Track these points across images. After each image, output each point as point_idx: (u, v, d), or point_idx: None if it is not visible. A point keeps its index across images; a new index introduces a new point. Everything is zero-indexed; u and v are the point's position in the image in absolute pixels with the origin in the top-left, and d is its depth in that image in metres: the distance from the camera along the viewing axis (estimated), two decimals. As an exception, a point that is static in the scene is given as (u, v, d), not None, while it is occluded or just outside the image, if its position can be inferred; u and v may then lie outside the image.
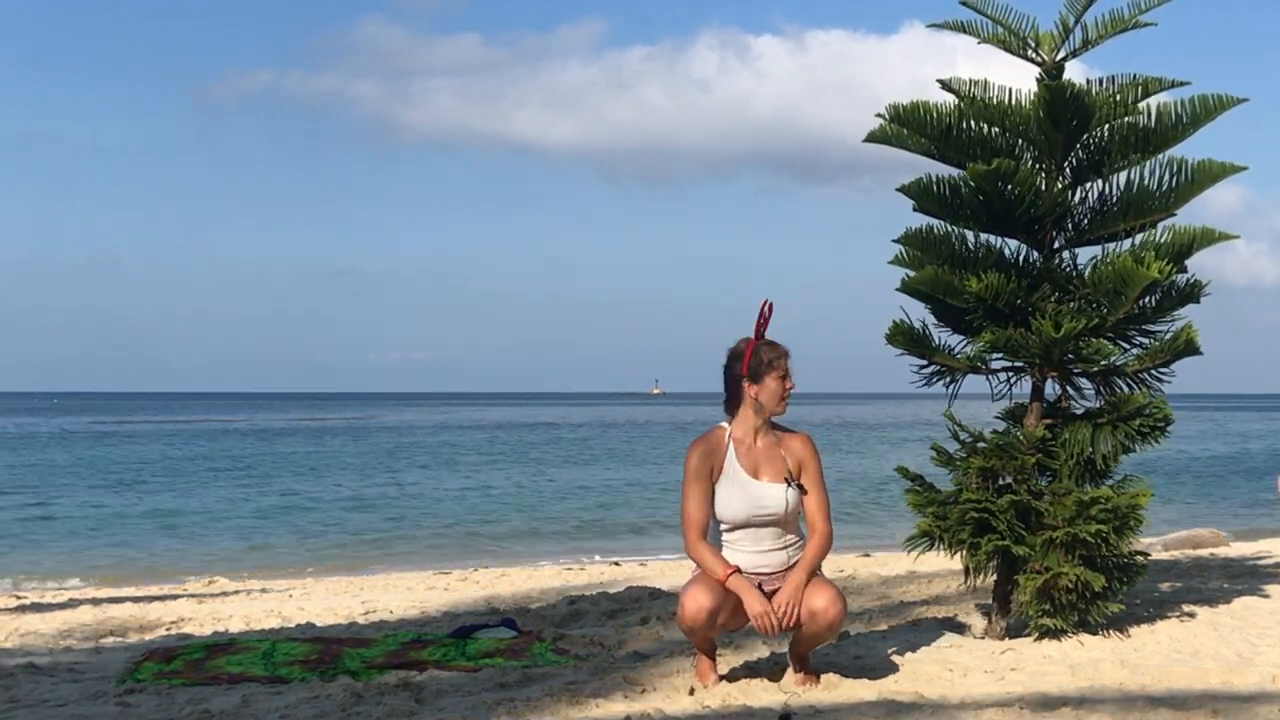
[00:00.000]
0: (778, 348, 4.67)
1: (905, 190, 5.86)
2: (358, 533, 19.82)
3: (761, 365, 4.64)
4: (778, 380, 4.63)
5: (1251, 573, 8.01)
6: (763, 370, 4.64)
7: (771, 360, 4.64)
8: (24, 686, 5.08)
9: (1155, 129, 5.61)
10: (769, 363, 4.63)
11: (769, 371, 4.63)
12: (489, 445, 48.18)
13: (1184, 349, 5.58)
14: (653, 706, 4.38)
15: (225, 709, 4.51)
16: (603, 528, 20.53)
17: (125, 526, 20.56)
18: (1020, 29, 5.70)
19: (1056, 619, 5.36)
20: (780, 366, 4.63)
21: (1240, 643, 5.35)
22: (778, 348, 4.67)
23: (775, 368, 4.63)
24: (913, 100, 5.77)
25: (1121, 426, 5.49)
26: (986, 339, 5.55)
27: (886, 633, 5.81)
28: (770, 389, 4.63)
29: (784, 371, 4.64)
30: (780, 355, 4.65)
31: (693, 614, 4.48)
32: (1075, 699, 4.40)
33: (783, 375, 4.63)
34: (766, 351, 4.65)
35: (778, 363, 4.64)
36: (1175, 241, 5.50)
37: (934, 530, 5.54)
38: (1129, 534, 5.41)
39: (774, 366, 4.63)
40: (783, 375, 4.63)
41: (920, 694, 4.54)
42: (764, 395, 4.63)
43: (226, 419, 79.85)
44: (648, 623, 6.44)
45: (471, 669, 5.21)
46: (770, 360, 4.64)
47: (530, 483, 29.66)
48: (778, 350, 4.66)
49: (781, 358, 4.65)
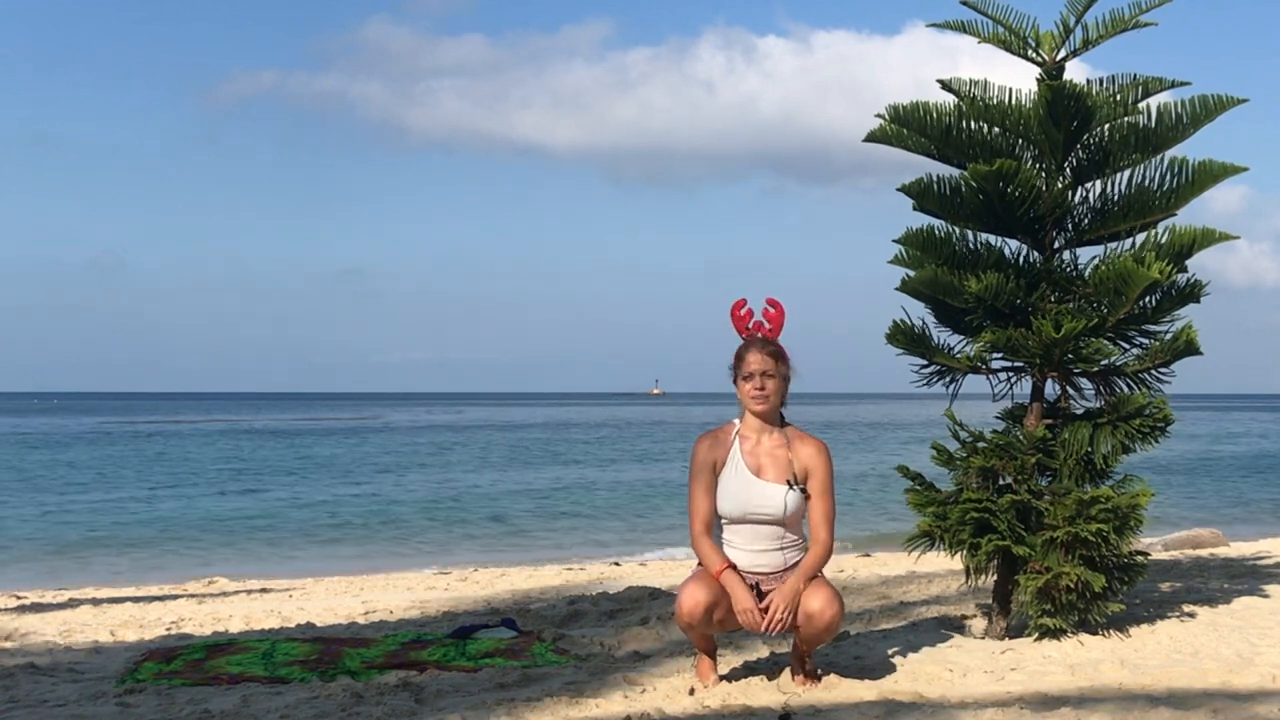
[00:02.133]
0: (751, 348, 4.65)
1: (905, 190, 5.86)
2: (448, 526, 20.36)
3: (735, 365, 4.69)
4: (744, 380, 4.64)
5: (1251, 573, 8.01)
6: (736, 370, 4.68)
7: (739, 359, 4.66)
8: (24, 686, 5.08)
9: (1155, 129, 5.61)
10: (737, 363, 4.67)
11: (737, 372, 4.67)
12: (545, 445, 48.03)
13: (1184, 349, 5.58)
14: (653, 706, 4.37)
15: (225, 709, 4.51)
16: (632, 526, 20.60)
17: (250, 527, 20.42)
18: (1021, 29, 5.70)
19: (1057, 619, 5.36)
20: (745, 367, 4.63)
21: (1240, 643, 5.35)
22: (751, 348, 4.65)
23: (740, 369, 4.65)
24: (912, 100, 5.78)
25: (1122, 426, 5.49)
26: (987, 339, 5.55)
27: (886, 633, 5.81)
28: (741, 389, 4.66)
29: (748, 372, 4.62)
30: (750, 357, 4.63)
31: (689, 609, 4.49)
32: (1075, 699, 4.40)
33: (747, 376, 4.63)
34: (739, 351, 4.69)
35: (741, 364, 4.65)
36: (1176, 242, 5.50)
37: (934, 530, 5.54)
38: (1129, 534, 5.41)
39: (739, 367, 4.66)
40: (747, 376, 4.63)
41: (920, 694, 4.54)
42: (741, 395, 4.66)
43: (237, 418, 79.49)
44: (648, 623, 6.44)
45: (471, 669, 5.20)
46: (738, 359, 4.67)
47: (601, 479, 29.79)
48: (750, 350, 4.65)
49: (750, 359, 4.62)
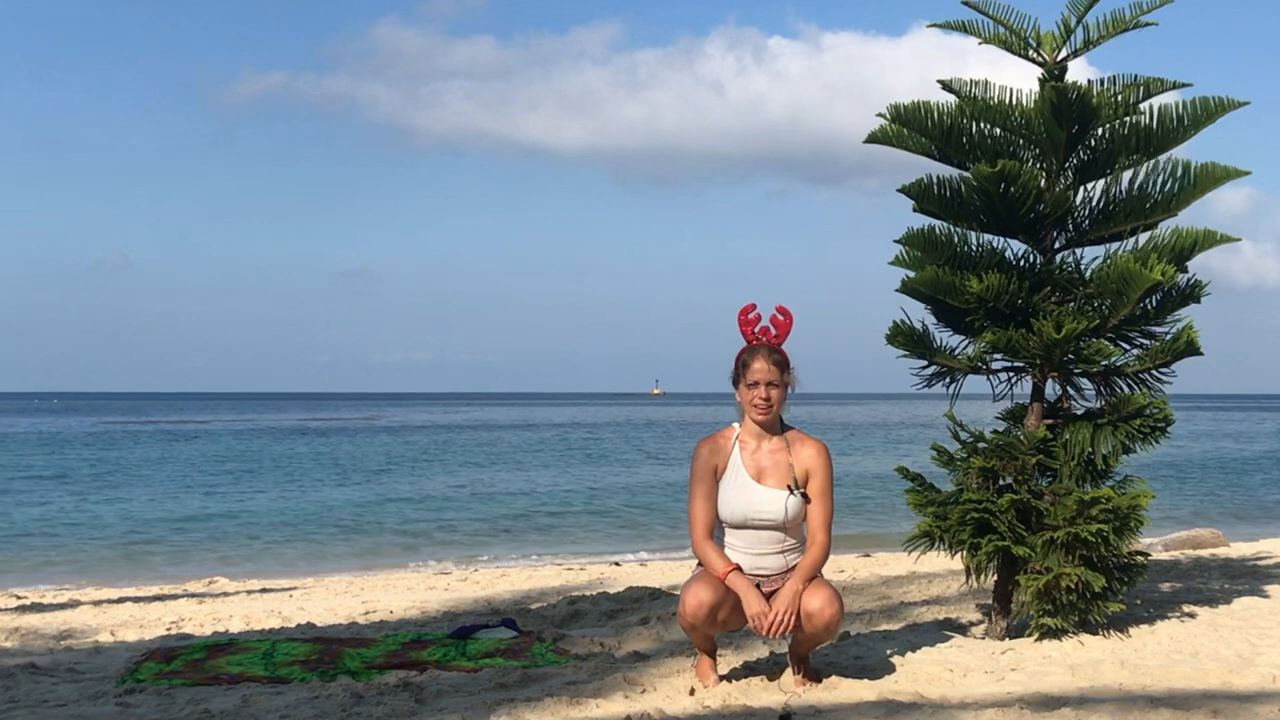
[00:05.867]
0: (758, 355, 4.58)
1: (906, 191, 5.85)
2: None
3: (738, 371, 4.64)
4: (748, 388, 4.61)
5: (1251, 573, 8.01)
6: (738, 376, 4.64)
7: (743, 366, 4.61)
8: (24, 686, 5.08)
9: (1157, 130, 5.61)
10: (741, 369, 4.63)
11: (741, 378, 4.63)
12: (545, 445, 47.80)
13: (1185, 350, 5.57)
14: (653, 706, 4.37)
15: (225, 709, 4.51)
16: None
17: (298, 527, 20.29)
18: (1022, 29, 5.70)
19: (1057, 619, 5.36)
20: (750, 375, 4.58)
21: (1240, 643, 5.35)
22: (758, 355, 4.58)
23: (744, 375, 4.61)
24: (913, 100, 5.77)
25: (1122, 427, 5.49)
26: (987, 339, 5.55)
27: (887, 633, 5.81)
28: (744, 395, 4.63)
29: (752, 380, 4.58)
30: (754, 364, 4.57)
31: (693, 609, 4.48)
32: (1075, 699, 4.40)
33: (751, 384, 4.59)
34: (743, 357, 4.64)
35: (745, 371, 4.60)
36: (1177, 243, 5.50)
37: (934, 530, 5.54)
38: (1129, 534, 5.41)
39: (743, 374, 4.61)
40: (751, 384, 4.59)
41: (920, 694, 4.54)
42: (743, 400, 4.63)
43: (239, 418, 79.35)
44: (648, 623, 6.44)
45: (471, 669, 5.20)
46: (742, 365, 4.62)
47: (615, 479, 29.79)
48: (756, 358, 4.58)
49: (755, 367, 4.56)
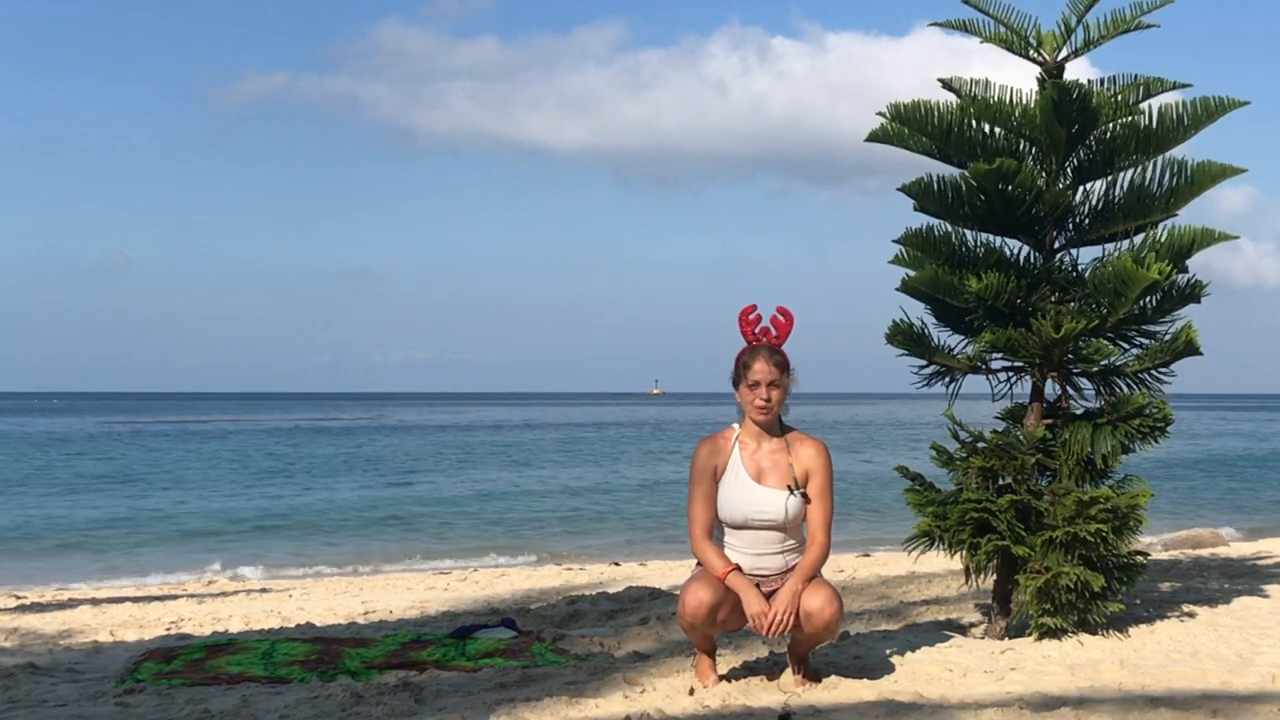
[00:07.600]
0: (759, 356, 4.57)
1: (906, 190, 5.85)
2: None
3: (738, 372, 4.63)
4: (749, 389, 4.59)
5: (1251, 573, 8.01)
6: (738, 377, 4.63)
7: (744, 366, 4.59)
8: (24, 686, 5.08)
9: (1156, 130, 5.61)
10: (742, 370, 4.61)
11: (741, 379, 4.61)
12: (544, 445, 47.82)
13: (1184, 349, 5.57)
14: (653, 706, 4.37)
15: (225, 709, 4.51)
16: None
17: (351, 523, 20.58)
18: (1022, 29, 5.70)
19: (1057, 619, 5.36)
20: (751, 376, 4.57)
21: (1240, 643, 5.35)
22: (759, 356, 4.57)
23: (745, 376, 4.59)
24: (914, 99, 5.77)
25: (1121, 426, 5.49)
26: (986, 339, 5.54)
27: (886, 633, 5.81)
28: (744, 396, 4.61)
29: (753, 381, 4.57)
30: (755, 365, 4.56)
31: (693, 609, 4.48)
32: (1075, 699, 4.40)
33: (752, 384, 4.58)
34: (744, 358, 4.62)
35: (746, 372, 4.58)
36: (1175, 242, 5.49)
37: (934, 530, 5.54)
38: (1129, 534, 5.41)
39: (744, 375, 4.60)
40: (752, 384, 4.58)
41: (920, 694, 4.54)
42: (743, 401, 4.63)
43: (238, 419, 79.06)
44: (648, 623, 6.44)
45: (471, 669, 5.20)
46: (743, 366, 4.60)
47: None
48: (757, 359, 4.57)
49: (756, 368, 4.55)
